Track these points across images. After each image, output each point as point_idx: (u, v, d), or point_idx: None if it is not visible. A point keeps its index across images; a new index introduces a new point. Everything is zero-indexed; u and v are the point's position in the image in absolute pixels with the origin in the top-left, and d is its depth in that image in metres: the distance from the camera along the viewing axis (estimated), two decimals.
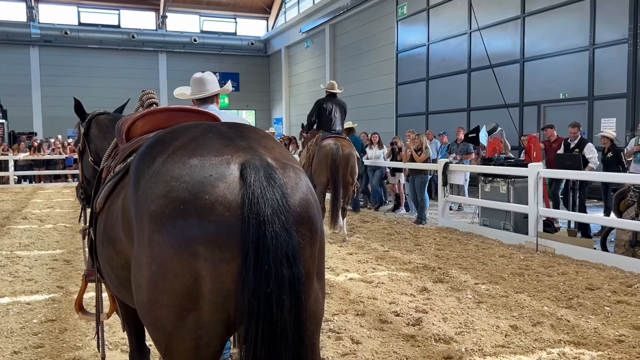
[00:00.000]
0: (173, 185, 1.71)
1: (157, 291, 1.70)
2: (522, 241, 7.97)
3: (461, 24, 17.08)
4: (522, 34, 15.07)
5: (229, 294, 1.68)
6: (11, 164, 18.56)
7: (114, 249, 2.12)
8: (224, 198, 1.68)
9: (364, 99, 22.42)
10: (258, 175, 1.69)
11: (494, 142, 10.59)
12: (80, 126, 3.72)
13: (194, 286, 1.66)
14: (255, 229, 1.63)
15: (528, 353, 4.03)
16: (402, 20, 20.11)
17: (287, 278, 1.64)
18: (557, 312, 4.90)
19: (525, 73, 15.08)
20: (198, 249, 1.65)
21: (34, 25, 27.30)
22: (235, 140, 1.86)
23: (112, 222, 2.15)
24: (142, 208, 1.76)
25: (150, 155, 1.88)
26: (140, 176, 1.85)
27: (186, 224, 1.66)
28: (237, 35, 32.45)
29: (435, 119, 18.28)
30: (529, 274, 6.32)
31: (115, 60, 28.85)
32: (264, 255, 1.63)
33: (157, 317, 1.73)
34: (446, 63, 17.88)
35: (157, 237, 1.68)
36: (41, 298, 5.49)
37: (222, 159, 1.75)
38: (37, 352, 4.10)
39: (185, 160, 1.76)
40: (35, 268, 6.74)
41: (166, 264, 1.67)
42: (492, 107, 15.07)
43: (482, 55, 14.31)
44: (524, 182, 8.34)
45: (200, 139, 1.87)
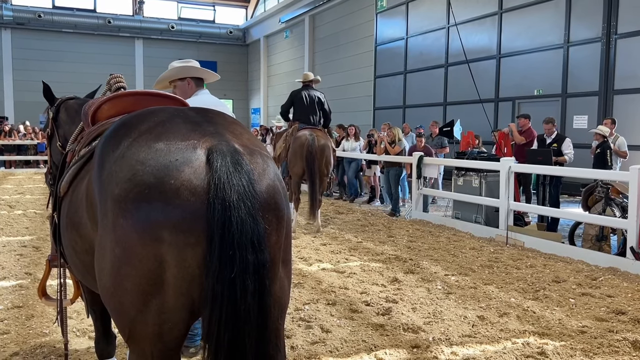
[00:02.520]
0: (138, 169, 1.69)
1: (120, 276, 1.69)
2: (492, 234, 8.09)
3: (439, 19, 17.18)
4: (499, 30, 15.24)
5: (193, 279, 1.67)
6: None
7: (77, 234, 2.10)
8: (190, 183, 1.66)
9: (342, 91, 22.44)
10: (225, 161, 1.68)
11: (467, 136, 10.71)
12: (49, 111, 3.66)
13: (158, 271, 1.65)
14: (221, 214, 1.63)
15: (493, 343, 4.11)
16: (381, 13, 20.14)
17: (251, 263, 1.64)
18: (523, 304, 5.00)
19: (501, 69, 15.27)
20: (163, 233, 1.64)
21: (6, 7, 26.64)
22: (202, 125, 1.84)
23: (75, 206, 2.13)
24: (107, 192, 1.74)
25: (115, 139, 1.86)
26: (104, 159, 1.83)
27: (151, 208, 1.64)
28: (216, 24, 32.14)
29: (412, 112, 18.40)
30: (498, 266, 6.43)
31: (90, 46, 28.34)
32: (229, 240, 1.62)
33: (121, 302, 1.72)
34: (424, 57, 17.98)
35: (121, 221, 1.67)
36: (8, 284, 5.40)
37: (189, 144, 1.73)
38: (3, 339, 4.04)
39: (151, 144, 1.74)
40: (3, 254, 6.62)
41: (130, 248, 1.65)
42: (468, 102, 15.24)
43: (459, 50, 14.43)
44: (495, 176, 8.46)
45: (167, 123, 1.85)
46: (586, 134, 11.01)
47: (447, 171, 11.82)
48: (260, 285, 1.66)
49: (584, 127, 12.52)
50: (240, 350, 1.64)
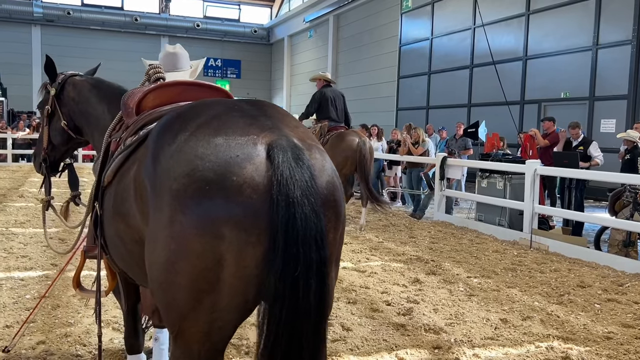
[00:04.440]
0: (197, 164, 1.65)
1: (175, 271, 1.65)
2: (516, 237, 7.99)
3: (465, 20, 17.04)
4: (526, 32, 15.06)
5: (250, 279, 1.64)
6: (9, 142, 18.52)
7: (126, 224, 2.08)
8: (252, 180, 1.62)
9: (365, 91, 22.40)
10: (286, 156, 1.64)
11: (492, 137, 10.60)
12: (48, 86, 3.44)
13: (216, 269, 1.61)
14: (285, 211, 1.59)
15: (516, 346, 4.06)
16: (406, 14, 20.06)
17: (315, 262, 1.61)
18: (547, 308, 4.93)
19: (527, 71, 15.08)
20: (223, 231, 1.60)
21: (36, 4, 27.17)
22: (259, 119, 1.80)
23: (123, 196, 2.10)
24: (163, 186, 1.70)
25: (171, 132, 1.82)
26: (159, 153, 1.79)
27: (212, 204, 1.60)
28: (241, 22, 32.34)
29: (436, 113, 18.29)
30: (522, 269, 6.35)
31: (117, 43, 28.74)
32: (293, 237, 1.58)
33: (174, 297, 1.69)
34: (449, 58, 17.86)
35: (180, 216, 1.63)
36: (35, 274, 5.50)
37: (248, 139, 1.69)
38: (29, 327, 4.11)
39: (209, 139, 1.70)
40: (30, 245, 6.74)
41: (187, 244, 1.62)
42: (493, 104, 15.08)
43: (484, 52, 14.28)
44: (520, 179, 8.36)
45: (224, 116, 1.81)
46: (613, 138, 10.82)
47: (470, 173, 11.72)
48: (321, 284, 1.63)
49: (612, 131, 12.31)
50: (298, 349, 1.62)
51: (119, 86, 3.29)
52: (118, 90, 3.20)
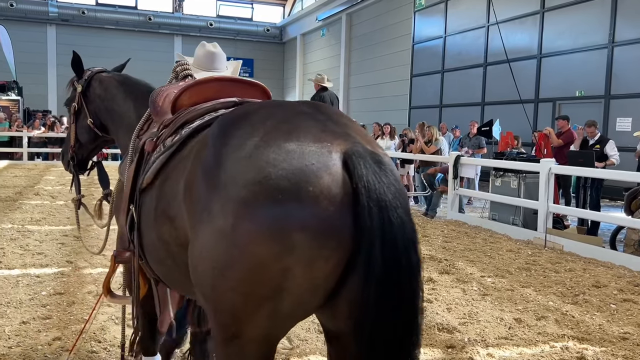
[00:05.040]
0: (269, 171, 1.56)
1: (235, 279, 1.58)
2: (530, 237, 7.93)
3: (479, 18, 16.93)
4: (541, 30, 14.93)
5: (316, 289, 1.58)
6: (25, 140, 18.73)
7: (173, 226, 1.99)
8: (329, 191, 1.53)
9: (378, 89, 22.35)
10: (367, 162, 1.57)
11: (506, 136, 10.53)
12: (75, 83, 3.38)
13: (281, 279, 1.54)
14: (379, 217, 1.51)
15: (531, 346, 4.03)
16: (419, 12, 19.98)
17: (414, 266, 1.55)
18: (562, 308, 4.89)
19: (541, 69, 14.95)
20: (294, 243, 1.51)
21: (52, 4, 27.44)
22: (328, 124, 1.71)
23: (169, 197, 2.02)
24: (227, 193, 1.61)
25: (238, 136, 1.73)
26: (223, 158, 1.70)
27: (284, 214, 1.52)
28: (253, 21, 32.41)
29: (449, 112, 18.20)
30: (536, 269, 6.30)
31: (132, 42, 28.93)
32: (392, 242, 1.51)
33: (232, 303, 1.62)
34: (462, 56, 17.76)
35: (246, 224, 1.54)
36: (50, 271, 5.56)
37: (323, 146, 1.60)
38: (45, 323, 4.16)
39: (281, 144, 1.61)
40: (46, 242, 6.82)
41: (253, 253, 1.54)
42: (507, 102, 14.98)
43: (498, 50, 14.19)
44: (535, 178, 8.30)
45: (293, 121, 1.72)
46: (629, 136, 10.70)
47: (484, 172, 11.65)
48: (420, 289, 1.57)
49: (628, 129, 12.17)
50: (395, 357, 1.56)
51: (145, 83, 3.24)
52: (145, 88, 3.16)
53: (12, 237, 7.02)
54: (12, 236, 7.10)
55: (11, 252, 6.25)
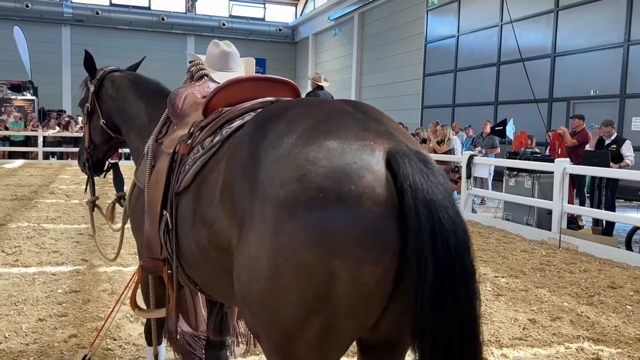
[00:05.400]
0: (309, 169, 1.48)
1: (281, 287, 1.48)
2: (544, 237, 7.88)
3: (492, 16, 16.84)
4: (555, 28, 14.81)
5: (369, 297, 1.47)
6: (40, 140, 18.93)
7: (211, 230, 1.90)
8: (372, 191, 1.44)
9: (390, 89, 22.31)
10: (413, 161, 1.48)
11: (520, 136, 10.46)
12: (88, 83, 3.31)
13: (327, 287, 1.44)
14: (428, 218, 1.41)
15: (546, 347, 4.01)
16: (432, 11, 19.90)
17: (469, 270, 1.45)
18: (577, 309, 4.85)
19: (555, 68, 14.83)
20: (338, 245, 1.42)
21: (66, 5, 27.71)
22: (369, 123, 1.64)
23: (208, 200, 1.93)
24: (266, 193, 1.54)
25: (274, 133, 1.66)
26: (262, 156, 1.63)
27: (326, 215, 1.43)
28: (266, 21, 32.50)
29: (462, 111, 18.12)
30: (550, 269, 6.26)
31: (145, 42, 29.13)
32: (444, 244, 1.42)
33: (277, 316, 1.52)
34: (475, 55, 17.67)
35: (288, 226, 1.46)
36: (66, 269, 5.61)
37: (365, 145, 1.52)
38: (61, 321, 4.20)
39: (321, 142, 1.53)
40: (61, 241, 6.88)
41: (297, 257, 1.45)
42: (520, 102, 14.89)
43: (512, 49, 14.11)
44: (549, 178, 8.23)
45: (333, 118, 1.65)
46: None
47: (497, 172, 11.58)
48: (477, 295, 1.47)
49: None
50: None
51: (156, 83, 3.17)
52: (156, 87, 3.11)
53: (28, 236, 7.11)
54: (28, 234, 7.18)
55: (27, 250, 6.32)
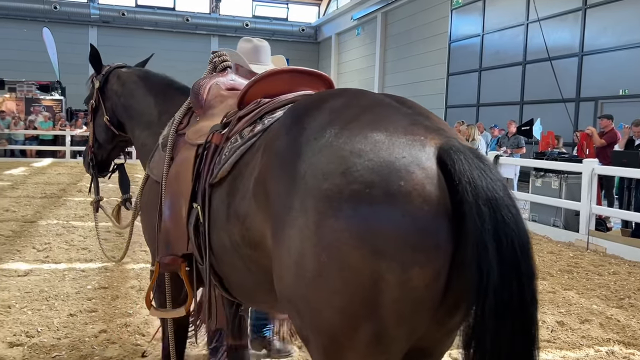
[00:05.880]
0: (354, 162, 1.39)
1: (327, 288, 1.39)
2: (572, 239, 7.76)
3: (518, 15, 16.63)
4: (582, 27, 14.55)
5: (419, 303, 1.38)
6: (68, 139, 19.28)
7: (244, 226, 1.82)
8: (423, 188, 1.35)
9: (414, 88, 22.18)
10: (468, 157, 1.40)
11: (547, 136, 10.32)
12: (94, 79, 3.20)
13: (374, 290, 1.35)
14: (491, 216, 1.33)
15: (575, 349, 3.95)
16: (456, 10, 19.74)
17: (532, 272, 1.38)
18: (606, 311, 4.77)
19: (583, 67, 14.58)
20: (384, 246, 1.33)
21: (93, 6, 28.17)
22: (417, 117, 1.56)
23: (241, 194, 1.85)
24: (307, 185, 1.45)
25: (313, 123, 1.58)
26: (301, 146, 1.54)
27: (372, 211, 1.35)
28: (289, 21, 32.58)
29: (487, 111, 17.94)
30: (578, 271, 6.16)
31: (169, 42, 29.43)
32: (508, 246, 1.33)
33: (324, 320, 1.43)
34: (500, 55, 17.47)
35: (331, 222, 1.37)
36: (95, 266, 5.71)
37: (414, 139, 1.43)
38: (91, 316, 4.28)
39: (367, 134, 1.45)
40: (89, 238, 7.00)
41: (342, 257, 1.36)
42: (546, 102, 14.68)
43: (537, 48, 13.92)
44: (577, 179, 8.11)
45: (378, 110, 1.57)
46: None
47: (523, 172, 11.44)
48: (537, 298, 1.40)
49: None
50: None
51: (165, 77, 3.09)
52: (165, 82, 3.04)
53: (57, 233, 7.25)
54: (57, 232, 7.33)
55: (57, 247, 6.45)
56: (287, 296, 1.55)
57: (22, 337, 3.82)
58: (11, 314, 4.25)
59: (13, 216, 8.39)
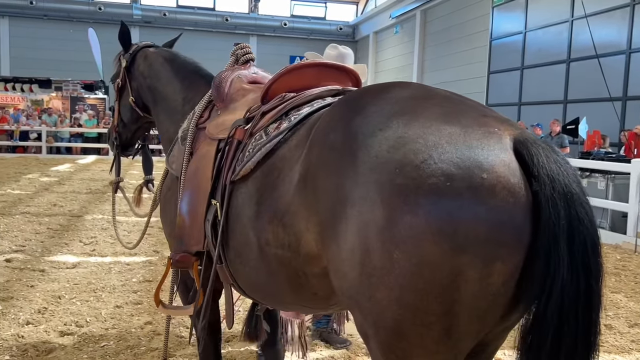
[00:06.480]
0: (431, 154, 1.34)
1: (399, 286, 1.35)
2: (619, 241, 7.54)
3: (563, 12, 16.22)
4: (631, 23, 14.10)
5: (495, 299, 1.34)
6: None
7: (280, 224, 1.75)
8: (507, 181, 1.31)
9: (453, 87, 21.77)
10: (545, 149, 1.37)
11: (593, 135, 10.05)
12: (121, 58, 3.14)
13: (451, 287, 1.31)
14: (566, 211, 1.31)
15: (624, 353, 3.84)
16: (498, 7, 19.39)
17: (601, 273, 1.36)
18: None
19: (630, 65, 14.12)
20: (467, 240, 1.29)
21: (136, 7, 28.81)
22: (484, 109, 1.52)
23: (278, 191, 1.78)
24: (376, 179, 1.39)
25: (379, 116, 1.51)
26: (365, 140, 1.47)
27: (454, 206, 1.30)
28: (326, 20, 32.61)
29: (528, 110, 17.57)
30: (626, 274, 5.98)
31: (209, 42, 29.81)
32: (580, 243, 1.31)
33: (396, 318, 1.38)
34: (543, 52, 17.07)
35: (408, 218, 1.32)
36: (139, 260, 5.85)
37: (489, 131, 1.39)
38: (137, 308, 4.39)
39: (440, 126, 1.39)
40: (133, 233, 7.17)
41: (420, 253, 1.31)
42: (591, 100, 14.26)
43: (582, 45, 13.54)
44: (624, 179, 7.87)
45: (443, 103, 1.51)
46: None
47: None
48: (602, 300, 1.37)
49: None
50: None
51: (193, 62, 2.99)
52: (193, 67, 2.94)
53: (103, 227, 7.45)
54: (102, 226, 7.53)
55: (103, 241, 6.63)
56: (348, 293, 1.50)
57: (72, 326, 3.94)
58: (61, 304, 4.39)
59: (60, 211, 8.66)
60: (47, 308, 4.27)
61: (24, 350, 3.51)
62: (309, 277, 1.75)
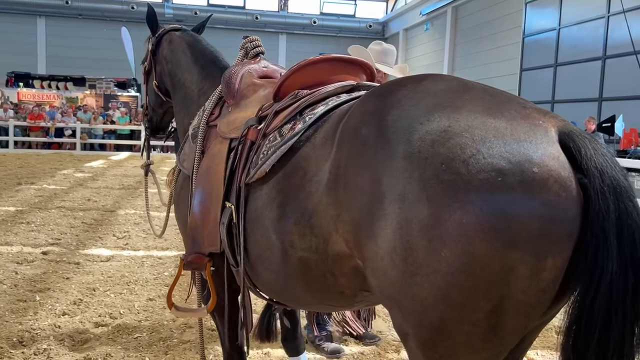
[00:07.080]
0: (478, 149, 1.30)
1: (446, 284, 1.31)
2: None
3: (598, 8, 15.85)
4: None
5: (542, 295, 1.32)
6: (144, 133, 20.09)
7: (308, 224, 1.70)
8: (559, 174, 1.28)
9: (485, 84, 21.61)
10: (591, 142, 1.35)
11: (630, 133, 9.80)
12: (149, 42, 3.07)
13: (502, 283, 1.28)
14: (615, 205, 1.28)
15: None
16: (531, 3, 19.06)
17: None
18: None
19: None
20: (519, 236, 1.26)
21: (167, 6, 29.23)
22: (523, 101, 1.48)
23: (305, 191, 1.72)
24: (419, 174, 1.35)
25: (416, 109, 1.46)
26: (405, 132, 1.43)
27: (507, 201, 1.26)
28: (356, 18, 32.52)
29: (562, 108, 17.21)
30: None
31: (239, 40, 29.51)
32: (630, 237, 1.28)
33: (440, 317, 1.35)
34: (578, 49, 16.72)
35: (458, 214, 1.28)
36: (171, 254, 5.93)
37: (534, 124, 1.36)
38: None
39: (484, 119, 1.36)
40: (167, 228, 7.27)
41: (470, 250, 1.27)
42: (628, 98, 13.91)
43: (618, 42, 13.20)
44: None
45: (482, 95, 1.48)
46: None
47: None
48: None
49: None
50: None
51: (214, 51, 2.92)
52: (212, 57, 2.87)
53: (135, 222, 7.58)
54: (135, 221, 7.66)
55: (135, 236, 6.74)
56: (387, 292, 1.46)
57: (106, 318, 4.02)
58: (96, 296, 4.49)
59: (94, 205, 8.85)
60: (82, 300, 4.37)
61: (60, 340, 3.60)
62: (338, 277, 1.72)
